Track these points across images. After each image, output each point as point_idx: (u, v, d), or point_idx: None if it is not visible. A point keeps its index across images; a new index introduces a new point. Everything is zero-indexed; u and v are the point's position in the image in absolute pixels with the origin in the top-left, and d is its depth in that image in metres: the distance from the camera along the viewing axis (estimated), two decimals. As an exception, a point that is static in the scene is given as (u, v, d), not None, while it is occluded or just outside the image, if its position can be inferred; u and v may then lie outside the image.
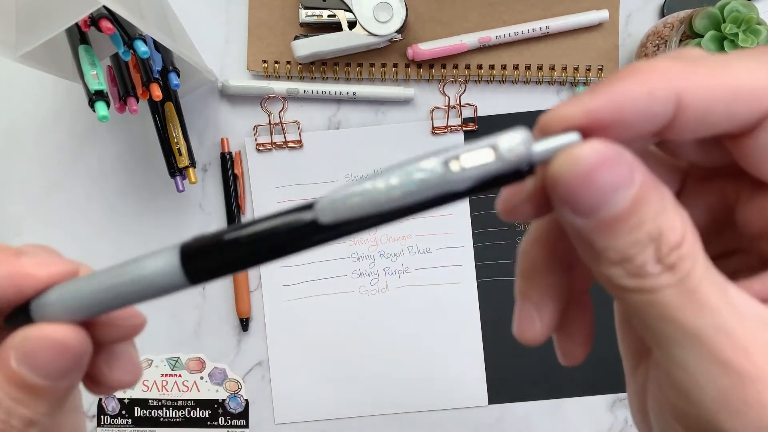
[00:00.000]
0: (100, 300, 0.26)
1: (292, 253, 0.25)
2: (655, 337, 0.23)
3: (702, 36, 0.60)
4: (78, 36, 0.56)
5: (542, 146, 0.23)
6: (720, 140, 0.25)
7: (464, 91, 0.70)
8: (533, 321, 0.30)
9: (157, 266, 0.26)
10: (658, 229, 0.22)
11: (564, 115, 0.23)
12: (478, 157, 0.22)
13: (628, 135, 0.22)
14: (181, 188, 0.68)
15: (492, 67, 0.69)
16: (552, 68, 0.69)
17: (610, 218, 0.22)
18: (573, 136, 0.23)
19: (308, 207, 0.24)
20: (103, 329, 0.29)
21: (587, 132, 0.22)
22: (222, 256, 0.25)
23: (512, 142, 0.22)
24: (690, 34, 0.62)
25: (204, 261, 0.25)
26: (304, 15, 0.68)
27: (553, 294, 0.30)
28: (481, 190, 0.23)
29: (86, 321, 0.27)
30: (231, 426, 0.71)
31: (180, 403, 0.71)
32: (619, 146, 0.22)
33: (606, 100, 0.22)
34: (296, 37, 0.68)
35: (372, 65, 0.70)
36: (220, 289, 0.71)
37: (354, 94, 0.70)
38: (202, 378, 0.71)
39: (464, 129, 0.70)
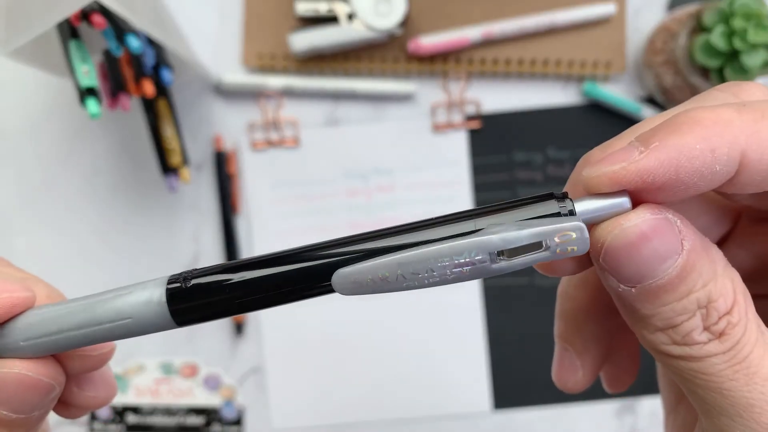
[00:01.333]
0: (71, 338, 0.24)
1: (296, 302, 0.23)
2: (701, 405, 0.22)
3: (711, 31, 0.59)
4: (68, 31, 0.53)
5: (588, 207, 0.21)
6: None
7: (467, 86, 0.68)
8: (575, 369, 0.28)
9: (139, 305, 0.23)
10: (708, 297, 0.20)
11: (615, 175, 0.21)
12: (529, 251, 0.21)
13: (682, 195, 0.21)
14: (174, 187, 0.66)
15: (495, 62, 0.68)
16: (558, 63, 0.67)
17: (656, 287, 0.20)
18: (622, 201, 0.21)
19: (326, 271, 0.22)
20: (69, 362, 0.27)
21: (637, 192, 0.21)
22: (221, 299, 0.23)
23: (567, 239, 0.21)
24: (699, 29, 0.61)
25: (197, 303, 0.23)
26: (301, 8, 0.66)
27: (597, 340, 0.28)
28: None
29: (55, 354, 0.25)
30: (227, 433, 0.69)
31: (173, 409, 0.69)
32: (667, 211, 0.21)
33: (661, 159, 0.20)
34: (293, 31, 0.66)
35: (371, 60, 0.68)
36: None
37: (353, 89, 0.68)
38: (196, 383, 0.69)
39: (467, 127, 0.68)
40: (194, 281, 0.23)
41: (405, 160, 0.69)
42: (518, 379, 0.68)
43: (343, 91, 0.69)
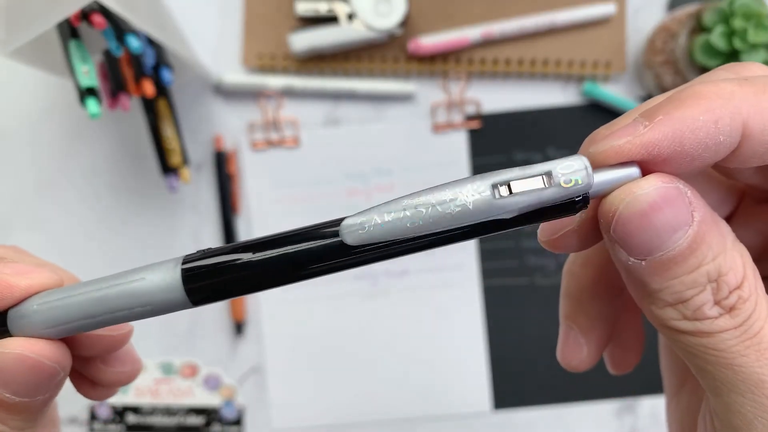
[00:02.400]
0: (85, 317, 0.24)
1: (312, 277, 0.23)
2: (710, 382, 0.21)
3: (711, 31, 0.59)
4: (68, 31, 0.53)
5: (599, 178, 0.21)
6: None
7: (467, 86, 0.68)
8: (580, 347, 0.28)
9: (154, 284, 0.23)
10: (718, 270, 0.20)
11: (621, 149, 0.21)
12: (531, 184, 0.21)
13: (687, 167, 0.21)
14: (174, 187, 0.66)
15: (495, 62, 0.68)
16: (558, 63, 0.67)
17: (667, 259, 0.20)
18: (632, 171, 0.21)
19: (334, 225, 0.22)
20: (85, 343, 0.27)
21: (643, 164, 0.21)
22: (237, 276, 0.23)
23: (570, 170, 0.21)
24: (699, 29, 0.61)
25: (213, 281, 0.23)
26: (301, 8, 0.66)
27: (602, 319, 0.28)
28: (528, 220, 0.21)
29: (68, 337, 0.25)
30: (227, 433, 0.69)
31: (173, 409, 0.69)
32: (678, 181, 0.20)
33: (666, 132, 0.20)
34: (293, 31, 0.66)
35: (371, 60, 0.68)
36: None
37: (353, 89, 0.68)
38: (196, 383, 0.69)
39: (467, 127, 0.68)
40: (210, 260, 0.23)
41: (405, 160, 0.69)
42: (518, 379, 0.68)
43: (343, 91, 0.69)
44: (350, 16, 0.66)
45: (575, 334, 0.28)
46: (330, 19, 0.67)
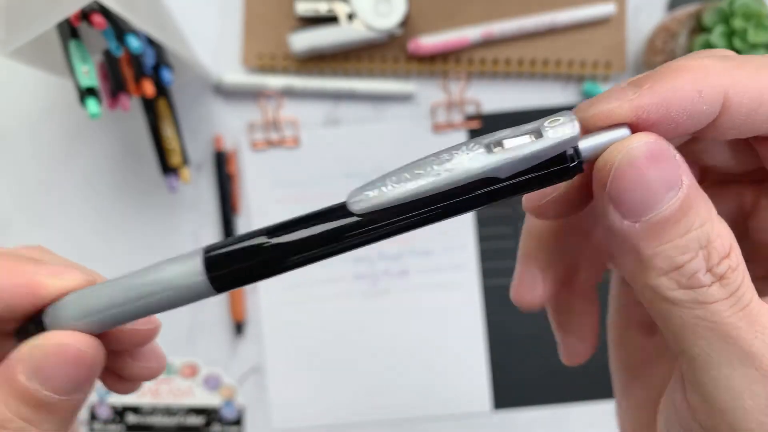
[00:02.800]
0: (118, 310, 0.24)
1: (329, 256, 0.24)
2: (696, 358, 0.21)
3: (711, 31, 0.59)
4: (68, 31, 0.53)
5: (590, 142, 0.22)
6: (753, 143, 0.24)
7: (467, 86, 0.68)
8: (535, 284, 0.29)
9: (178, 275, 0.24)
10: (707, 236, 0.21)
11: (611, 112, 0.22)
12: (522, 141, 0.21)
13: (670, 134, 0.22)
14: (174, 187, 0.66)
15: (495, 62, 0.68)
16: (558, 63, 0.67)
17: (661, 219, 0.21)
18: (623, 131, 0.22)
19: (340, 206, 0.23)
20: (115, 338, 0.27)
21: (632, 127, 0.22)
22: (256, 262, 0.24)
23: (557, 122, 0.21)
24: (699, 29, 0.61)
25: (233, 268, 0.24)
26: (301, 8, 0.66)
27: (560, 260, 0.29)
28: (525, 187, 0.22)
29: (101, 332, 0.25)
30: (227, 433, 0.69)
31: (173, 409, 0.69)
32: (667, 142, 0.21)
33: (654, 97, 0.21)
34: (293, 31, 0.66)
35: (371, 60, 0.68)
36: (214, 290, 0.69)
37: (353, 89, 0.68)
38: (196, 383, 0.69)
39: (467, 127, 0.68)
40: (229, 248, 0.24)
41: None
42: (518, 379, 0.68)
43: (343, 91, 0.69)
44: (350, 16, 0.66)
45: (532, 272, 0.29)
46: (330, 19, 0.67)
